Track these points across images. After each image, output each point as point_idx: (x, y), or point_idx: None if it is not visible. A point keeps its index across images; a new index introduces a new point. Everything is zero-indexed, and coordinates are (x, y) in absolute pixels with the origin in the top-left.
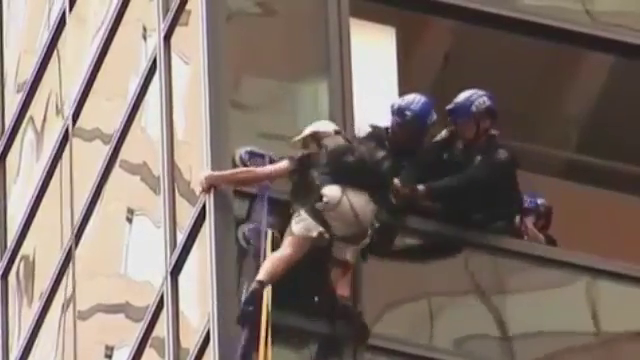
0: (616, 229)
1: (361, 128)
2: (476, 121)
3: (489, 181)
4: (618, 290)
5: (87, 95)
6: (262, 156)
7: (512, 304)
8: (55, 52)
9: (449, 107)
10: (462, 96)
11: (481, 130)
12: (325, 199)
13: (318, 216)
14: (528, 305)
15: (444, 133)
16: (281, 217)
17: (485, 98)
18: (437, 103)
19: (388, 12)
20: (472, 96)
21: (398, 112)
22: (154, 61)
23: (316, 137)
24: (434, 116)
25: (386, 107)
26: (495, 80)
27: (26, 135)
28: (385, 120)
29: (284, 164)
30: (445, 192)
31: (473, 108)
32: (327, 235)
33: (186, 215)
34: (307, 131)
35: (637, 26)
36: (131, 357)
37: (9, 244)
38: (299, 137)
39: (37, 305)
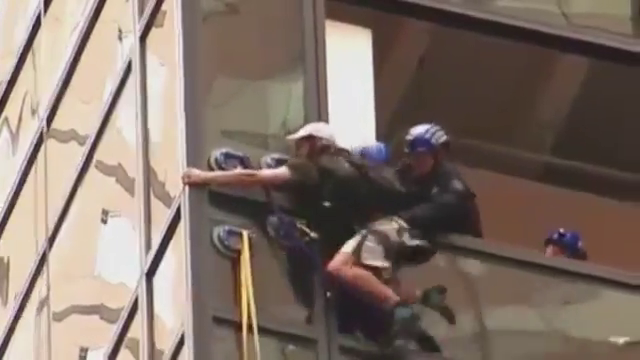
0: (592, 232)
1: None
2: (434, 154)
3: (453, 211)
4: (595, 293)
5: (62, 96)
6: (238, 158)
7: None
8: (30, 52)
9: (408, 138)
10: (419, 129)
11: (437, 164)
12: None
13: (388, 251)
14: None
15: (393, 170)
16: (254, 217)
17: (442, 132)
18: (413, 105)
19: (364, 14)
20: (430, 129)
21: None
22: (129, 62)
23: (311, 140)
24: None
25: (361, 108)
26: (470, 82)
27: (1, 135)
28: (359, 124)
29: (285, 173)
30: (422, 221)
31: (433, 141)
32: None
33: (161, 217)
34: (303, 132)
35: (613, 28)
36: (106, 358)
37: None
38: (294, 136)
39: (12, 306)
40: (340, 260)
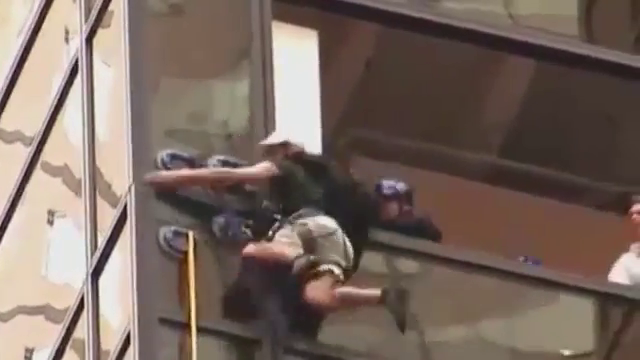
0: (538, 233)
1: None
2: (399, 202)
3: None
4: (546, 297)
5: (9, 96)
6: (184, 158)
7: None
8: None
9: (376, 185)
10: (383, 181)
11: (401, 212)
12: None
13: (307, 242)
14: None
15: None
16: (200, 218)
17: (404, 184)
18: (359, 106)
19: (310, 15)
20: (392, 181)
21: None
22: (76, 63)
23: (286, 146)
24: None
25: (307, 109)
26: (417, 84)
27: None
28: (305, 125)
29: (267, 168)
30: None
31: (398, 187)
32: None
33: (107, 217)
34: (278, 138)
35: (559, 30)
36: (51, 359)
37: None
38: (269, 142)
39: None
40: (251, 245)
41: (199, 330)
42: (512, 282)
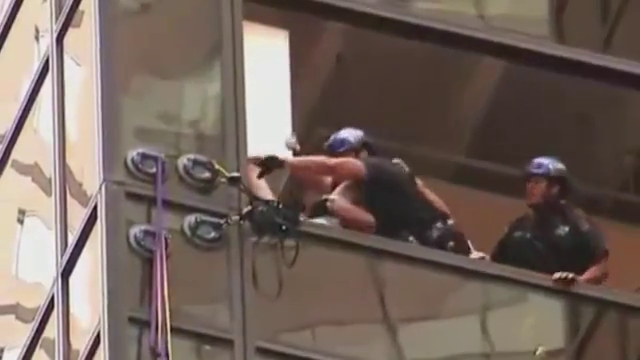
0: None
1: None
2: (549, 184)
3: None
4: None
5: None
6: (154, 158)
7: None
8: None
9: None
10: (538, 159)
11: (550, 196)
12: None
13: None
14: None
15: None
16: (170, 217)
17: (562, 166)
18: (330, 106)
19: (281, 15)
20: (548, 159)
21: None
22: (46, 62)
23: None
24: None
25: (278, 109)
26: (387, 83)
27: None
28: (276, 124)
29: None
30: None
31: (550, 166)
32: None
33: (77, 216)
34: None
35: (529, 30)
36: (21, 358)
37: None
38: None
39: None
40: None
41: (170, 330)
42: (479, 281)
